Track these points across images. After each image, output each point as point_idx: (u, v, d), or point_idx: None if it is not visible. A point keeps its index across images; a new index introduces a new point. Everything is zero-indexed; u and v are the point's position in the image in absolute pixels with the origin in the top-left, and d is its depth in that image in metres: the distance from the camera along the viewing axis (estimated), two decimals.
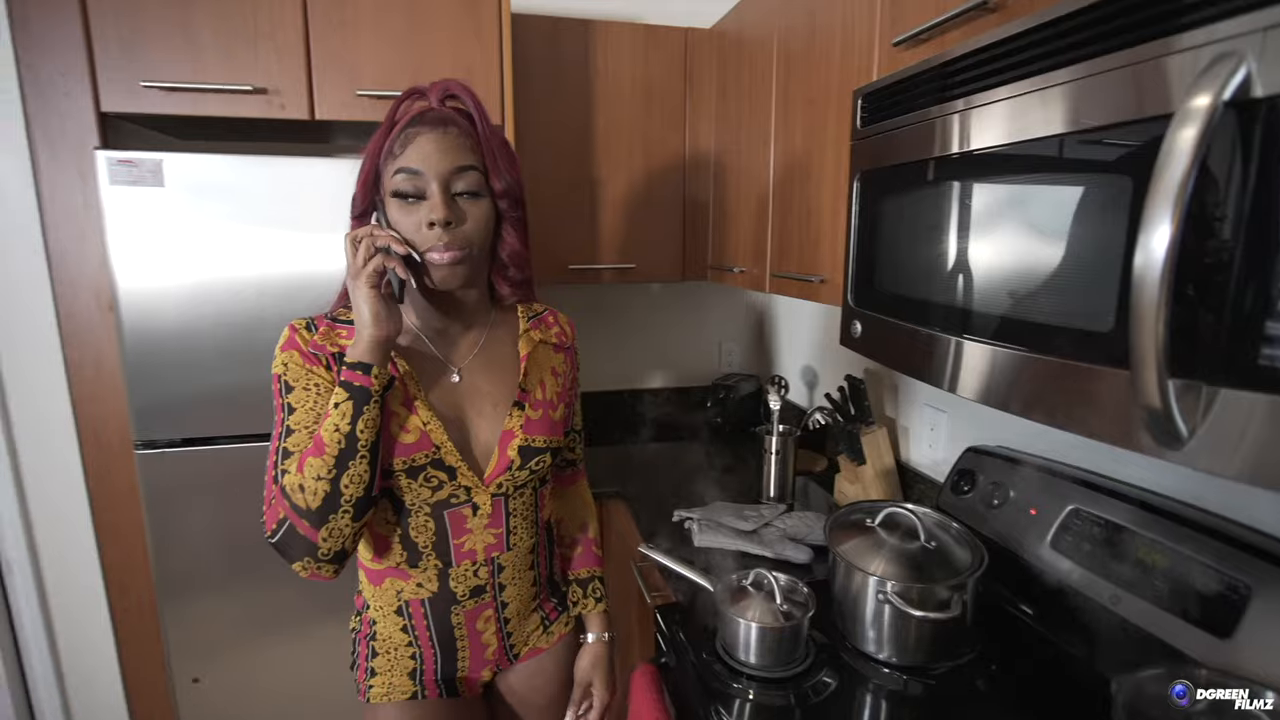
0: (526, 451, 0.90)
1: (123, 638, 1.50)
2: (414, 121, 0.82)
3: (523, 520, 0.93)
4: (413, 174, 0.79)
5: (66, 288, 1.35)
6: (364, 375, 0.77)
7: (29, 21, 1.28)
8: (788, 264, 1.43)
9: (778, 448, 1.59)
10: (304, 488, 0.75)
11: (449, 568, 0.89)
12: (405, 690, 0.93)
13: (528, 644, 1.00)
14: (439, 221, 0.79)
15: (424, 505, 0.86)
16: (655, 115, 1.86)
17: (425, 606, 0.90)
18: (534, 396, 0.93)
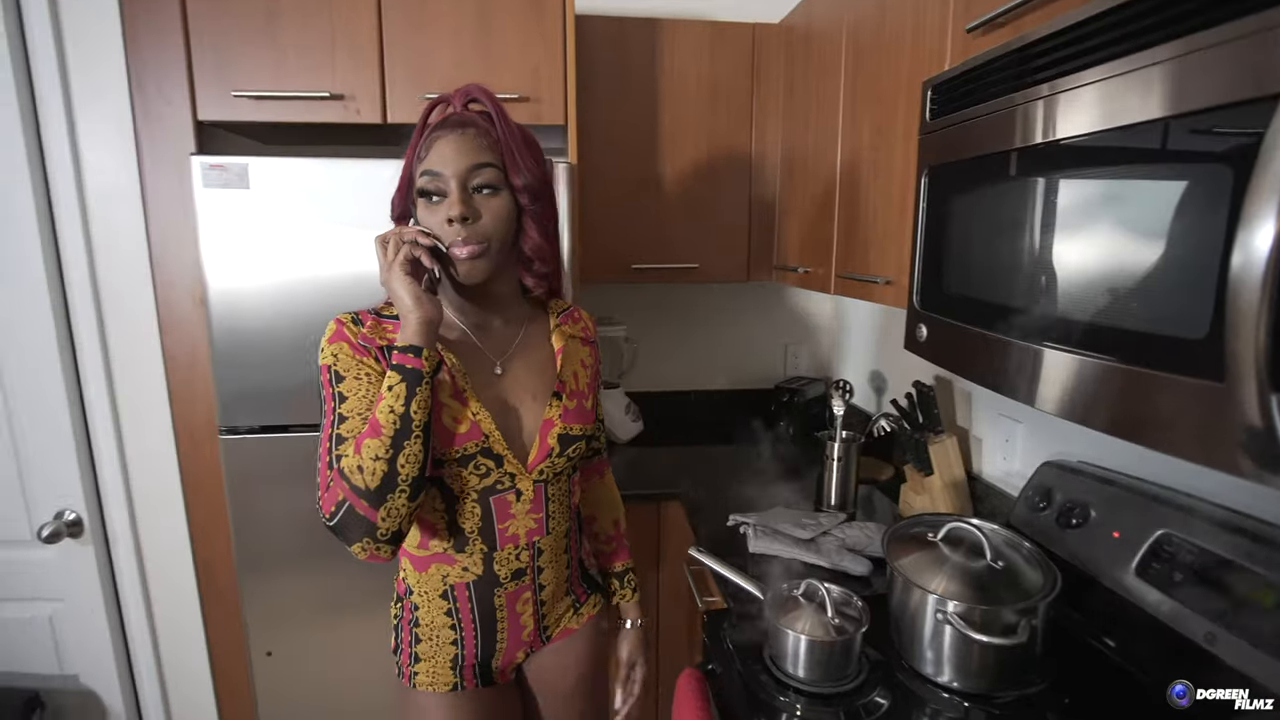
0: (565, 439, 0.94)
1: (208, 610, 1.61)
2: (438, 126, 0.87)
3: (559, 505, 0.98)
4: (434, 175, 0.84)
5: (165, 283, 1.46)
6: (415, 358, 0.80)
7: (140, 42, 1.38)
8: (853, 264, 1.38)
9: (840, 454, 1.53)
10: (362, 468, 0.78)
11: (493, 551, 0.93)
12: (447, 681, 0.96)
13: (560, 625, 1.04)
14: (456, 217, 0.83)
15: (472, 492, 0.90)
16: (721, 113, 1.83)
17: (470, 589, 0.94)
18: (569, 387, 0.98)
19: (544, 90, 1.46)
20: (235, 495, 1.43)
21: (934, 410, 1.45)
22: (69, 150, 1.42)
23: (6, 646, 1.63)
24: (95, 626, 1.61)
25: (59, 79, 1.40)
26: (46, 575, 1.58)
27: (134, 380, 1.52)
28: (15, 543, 1.55)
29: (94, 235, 1.46)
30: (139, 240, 1.45)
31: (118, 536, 1.58)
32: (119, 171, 1.44)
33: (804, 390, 2.12)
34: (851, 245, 1.40)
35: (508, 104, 1.43)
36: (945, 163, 0.93)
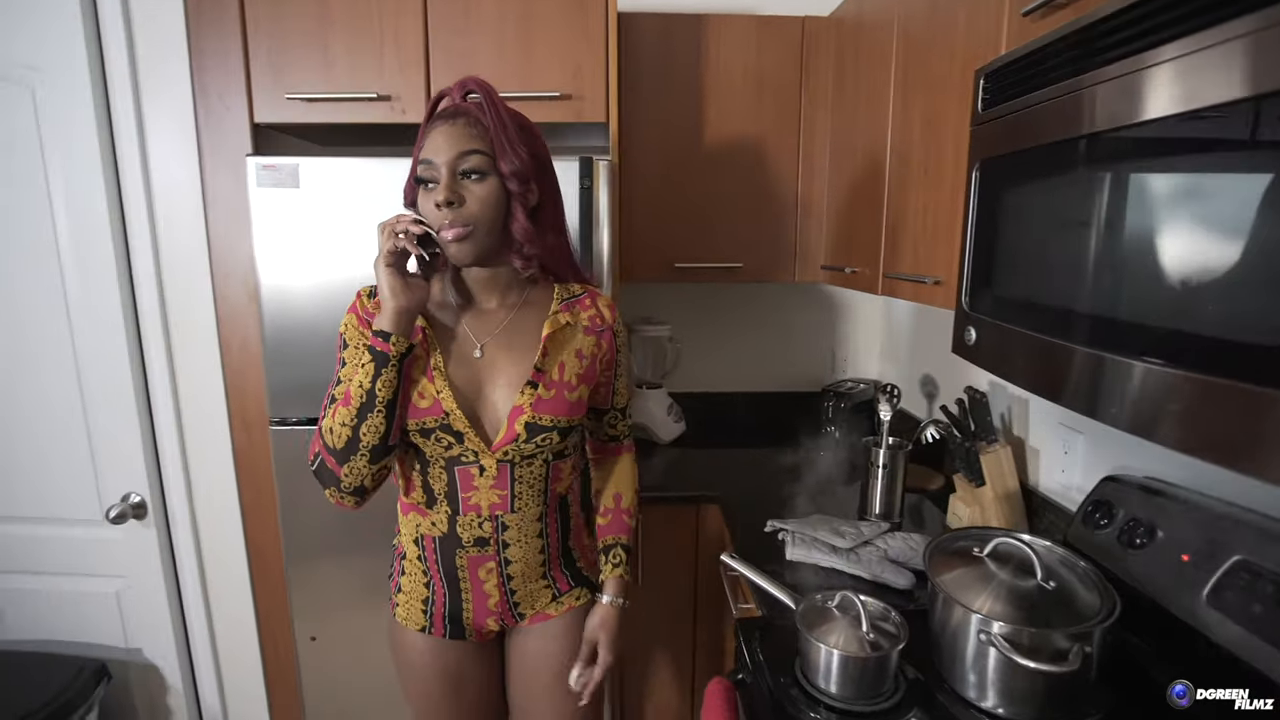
0: (533, 428, 0.97)
1: (258, 594, 1.67)
2: (435, 118, 0.93)
3: (529, 488, 1.00)
4: (428, 164, 0.91)
5: (222, 277, 1.52)
6: (384, 342, 0.89)
7: (203, 51, 1.45)
8: (901, 264, 1.32)
9: (885, 461, 1.47)
10: (333, 431, 0.91)
11: (456, 515, 0.99)
12: (418, 621, 1.05)
13: (535, 607, 1.07)
14: (442, 201, 0.89)
15: (439, 459, 0.98)
16: (768, 109, 1.79)
17: (436, 544, 1.01)
18: (550, 377, 0.99)
19: (586, 88, 1.46)
20: (284, 484, 1.48)
21: (986, 418, 1.38)
22: (138, 152, 1.50)
23: (79, 618, 1.73)
24: (157, 604, 1.69)
25: (130, 87, 1.48)
26: (114, 553, 1.67)
27: (193, 371, 1.59)
28: (87, 522, 1.65)
29: (159, 233, 1.54)
30: (199, 237, 1.52)
31: (177, 519, 1.66)
32: (182, 172, 1.51)
33: (851, 394, 2.06)
34: (899, 244, 1.34)
35: (549, 103, 1.46)
36: (998, 155, 0.87)
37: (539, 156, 0.97)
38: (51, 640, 1.74)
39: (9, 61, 1.46)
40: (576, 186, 1.37)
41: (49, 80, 1.46)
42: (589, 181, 1.37)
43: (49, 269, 1.54)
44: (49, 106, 1.47)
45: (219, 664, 1.76)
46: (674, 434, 2.01)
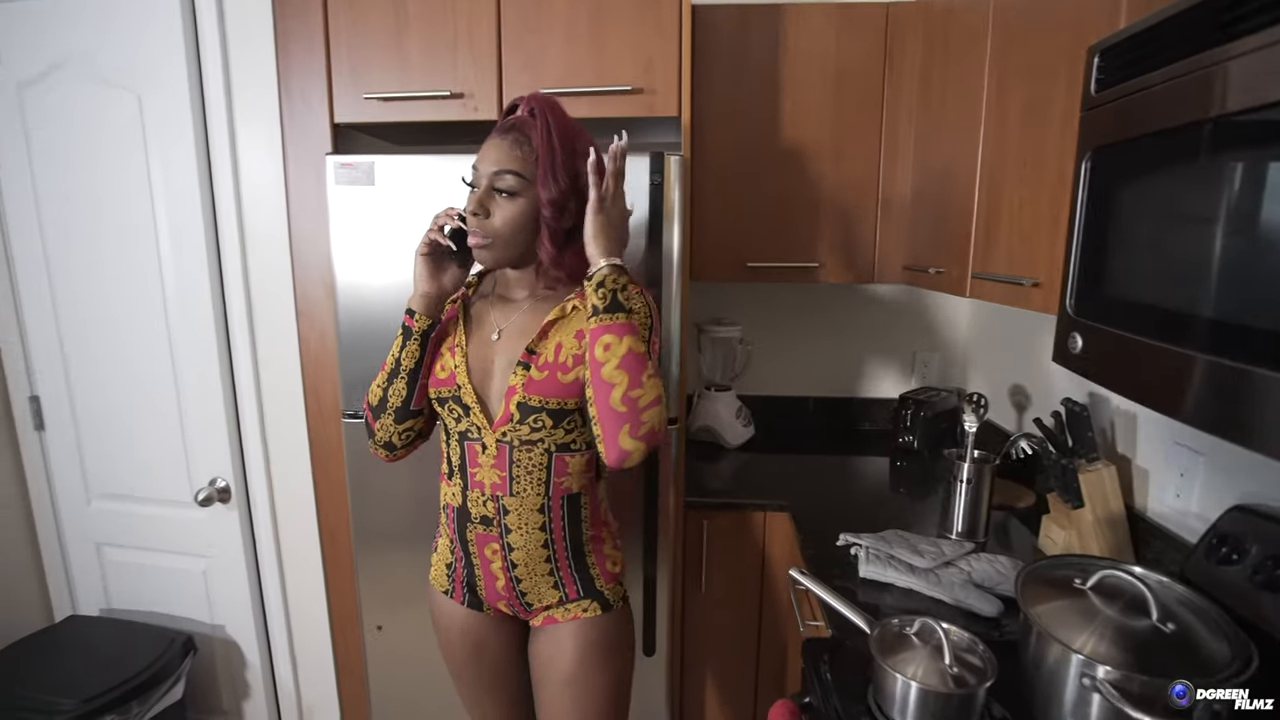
0: (524, 408, 1.00)
1: (330, 581, 1.72)
2: (495, 128, 1.01)
3: (527, 474, 1.02)
4: (475, 170, 1.00)
5: (302, 273, 1.57)
6: (410, 318, 1.05)
7: (290, 54, 1.50)
8: (993, 264, 1.22)
9: (970, 475, 1.37)
10: (372, 391, 1.09)
11: (468, 489, 1.05)
12: (442, 584, 1.14)
13: (542, 603, 1.08)
14: (468, 211, 0.99)
15: (454, 432, 1.05)
16: (848, 101, 1.70)
17: (455, 513, 1.08)
18: (544, 358, 1.00)
19: (658, 82, 1.42)
20: (354, 475, 1.51)
21: (1087, 433, 1.26)
22: (229, 153, 1.57)
23: (170, 592, 1.84)
24: (238, 584, 1.78)
25: (224, 92, 1.55)
26: (202, 534, 1.76)
27: (275, 363, 1.65)
28: (179, 503, 1.74)
29: (246, 231, 1.61)
30: (282, 235, 1.58)
31: (257, 505, 1.73)
32: (267, 171, 1.57)
33: (932, 402, 1.94)
34: (992, 243, 1.24)
35: (620, 97, 1.43)
36: (1114, 142, 0.78)
37: (573, 188, 0.99)
38: (148, 611, 1.85)
39: (119, 70, 1.56)
40: (646, 183, 1.33)
41: (153, 86, 1.55)
42: (659, 178, 1.33)
43: (150, 267, 1.63)
44: (152, 111, 1.56)
45: (293, 646, 1.82)
46: (742, 438, 1.95)
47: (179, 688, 1.68)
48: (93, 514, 1.82)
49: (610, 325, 0.92)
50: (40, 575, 1.88)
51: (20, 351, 1.75)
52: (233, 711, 1.89)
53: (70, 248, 1.67)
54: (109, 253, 1.65)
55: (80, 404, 1.75)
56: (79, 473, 1.80)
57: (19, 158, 1.64)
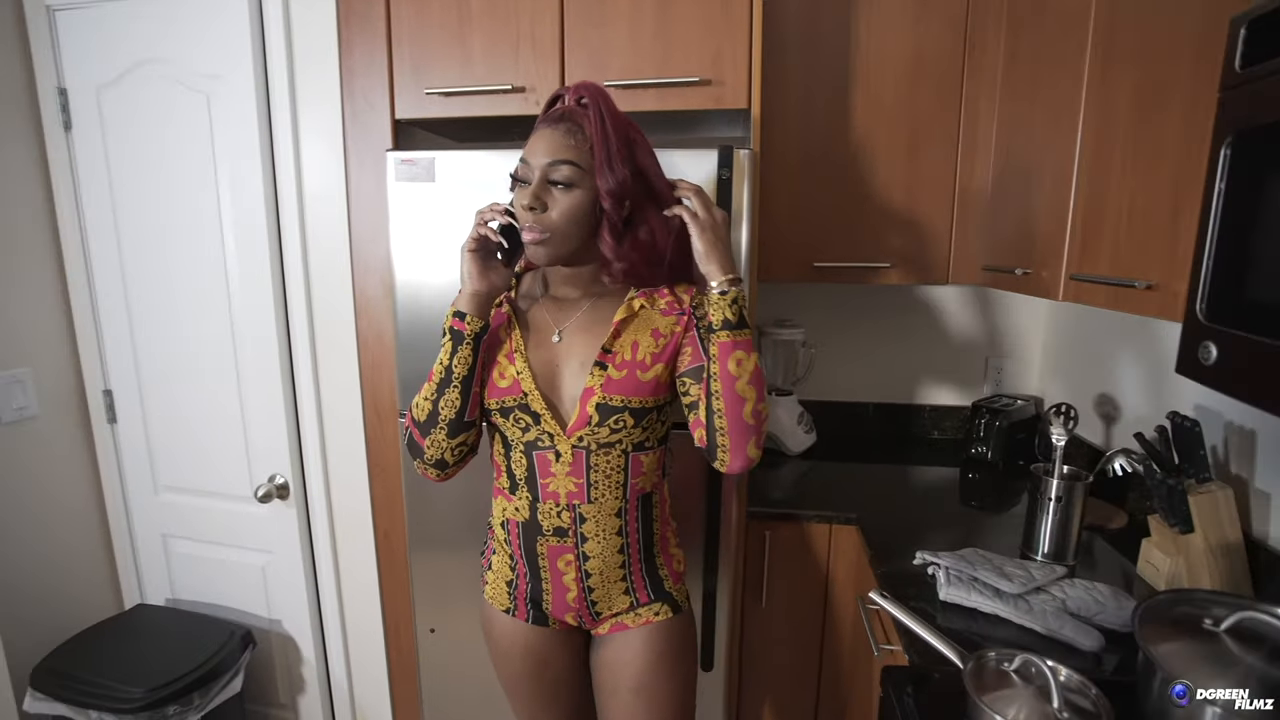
0: (604, 409, 0.95)
1: (383, 581, 1.72)
2: (543, 119, 0.96)
3: (605, 478, 0.99)
4: (524, 163, 0.95)
5: (362, 271, 1.57)
6: (460, 321, 0.96)
7: (353, 53, 1.49)
8: (1095, 264, 1.12)
9: (1060, 493, 1.27)
10: (417, 405, 1.00)
11: (537, 502, 1.00)
12: (503, 602, 1.08)
13: (612, 611, 1.05)
14: (524, 205, 0.92)
15: (519, 443, 1.00)
16: (924, 91, 1.61)
17: (519, 529, 1.03)
18: (620, 357, 0.97)
19: (726, 73, 1.36)
20: (410, 476, 1.50)
21: (1199, 451, 1.14)
22: (292, 152, 1.58)
23: (230, 586, 1.87)
24: (295, 581, 1.79)
25: (288, 93, 1.55)
26: (261, 529, 1.79)
27: (334, 362, 1.66)
28: (240, 498, 1.77)
29: (308, 230, 1.61)
30: (342, 233, 1.57)
31: (315, 503, 1.74)
32: (329, 170, 1.57)
33: (1008, 411, 1.83)
34: (1093, 241, 1.14)
35: (687, 89, 1.38)
36: (1263, 125, 0.69)
37: (644, 171, 0.96)
38: (209, 603, 1.89)
39: (191, 72, 1.58)
40: (714, 178, 1.28)
41: (222, 87, 1.57)
42: (728, 172, 1.27)
43: (215, 264, 1.66)
44: (220, 111, 1.58)
45: (347, 644, 1.83)
46: (804, 445, 1.87)
47: (238, 680, 1.70)
48: (160, 506, 1.87)
49: (740, 340, 0.93)
50: (111, 564, 1.93)
51: (95, 346, 1.80)
52: (289, 706, 1.91)
53: (141, 245, 1.71)
54: (177, 250, 1.68)
55: (149, 398, 1.79)
56: (147, 465, 1.84)
57: (97, 159, 1.69)
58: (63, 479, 1.80)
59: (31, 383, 1.70)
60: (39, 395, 1.72)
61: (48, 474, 1.76)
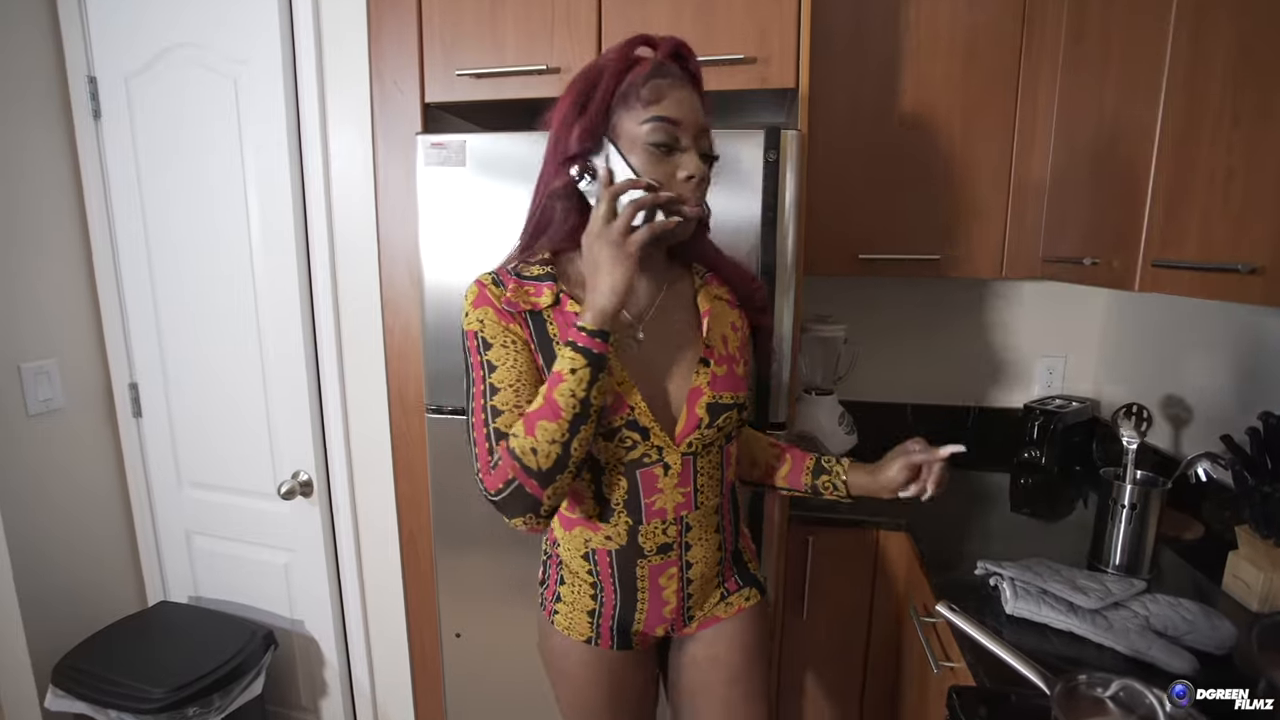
0: (714, 409, 0.88)
1: (408, 583, 1.66)
2: (661, 72, 0.81)
3: (709, 479, 0.92)
4: (673, 124, 0.80)
5: (389, 263, 1.52)
6: (602, 343, 0.76)
7: (382, 35, 1.46)
8: (1181, 248, 1.02)
9: (1135, 499, 1.17)
10: (536, 450, 0.76)
11: (639, 525, 0.89)
12: (582, 631, 0.95)
13: (705, 609, 0.98)
14: (699, 175, 0.80)
15: (618, 464, 0.87)
16: (978, 74, 1.52)
17: (612, 557, 0.91)
18: (718, 352, 0.91)
19: (773, 50, 1.28)
20: (436, 472, 1.44)
21: None
22: (319, 138, 1.53)
23: (253, 584, 1.83)
24: (319, 580, 1.74)
25: (316, 77, 1.51)
26: (284, 527, 1.74)
27: (359, 354, 1.61)
28: (264, 495, 1.73)
29: (335, 219, 1.57)
30: (369, 221, 1.53)
31: (339, 500, 1.69)
32: (356, 157, 1.53)
33: (1064, 414, 1.72)
34: (1178, 224, 1.04)
35: (731, 68, 1.30)
36: None
37: None
38: (232, 601, 1.85)
39: (219, 55, 1.55)
40: (760, 161, 1.20)
41: (249, 71, 1.53)
42: (775, 155, 1.20)
43: (241, 254, 1.63)
44: (247, 96, 1.55)
45: (370, 647, 1.78)
46: (845, 447, 1.78)
47: (259, 682, 1.65)
48: (183, 501, 1.84)
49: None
50: (135, 559, 1.91)
51: (122, 338, 1.77)
52: (310, 709, 1.86)
53: (167, 235, 1.68)
54: (202, 240, 1.65)
55: (174, 391, 1.76)
56: (172, 460, 1.81)
57: (125, 148, 1.67)
58: (88, 473, 1.78)
59: (58, 374, 1.68)
60: (65, 387, 1.70)
61: (73, 467, 1.74)
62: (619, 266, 0.75)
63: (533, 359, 0.84)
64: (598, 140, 0.81)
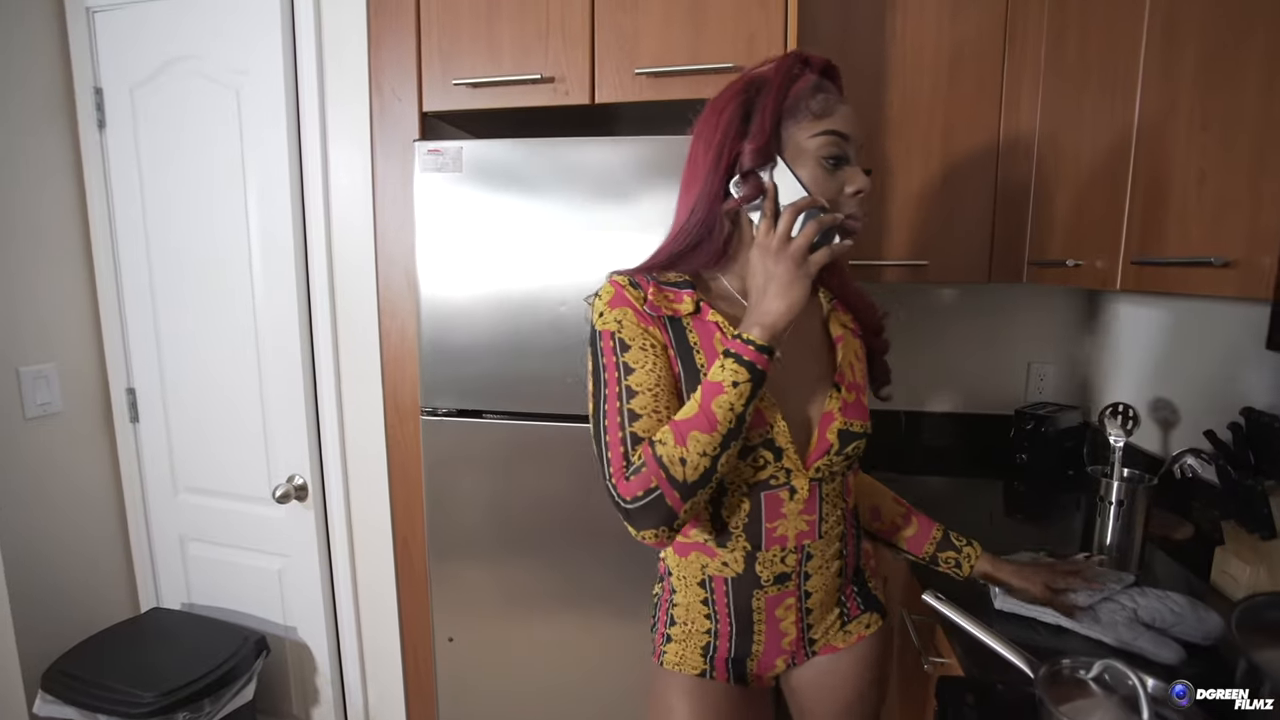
0: (845, 436, 0.86)
1: (401, 588, 1.66)
2: (824, 86, 0.82)
3: (833, 508, 0.89)
4: (843, 138, 0.80)
5: (386, 264, 1.54)
6: (768, 360, 0.74)
7: (381, 48, 1.49)
8: (1160, 246, 1.05)
9: (1122, 496, 1.18)
10: (685, 461, 0.73)
11: (757, 551, 0.86)
12: (696, 666, 0.91)
13: (825, 639, 0.94)
14: (867, 190, 0.81)
15: (742, 485, 0.84)
16: (962, 85, 1.56)
17: (728, 585, 0.88)
18: (848, 379, 0.89)
19: (761, 59, 1.31)
20: (431, 476, 1.45)
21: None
22: (319, 147, 1.57)
23: (246, 590, 1.83)
24: (312, 586, 1.74)
25: (316, 87, 1.55)
26: (279, 532, 1.75)
27: (356, 358, 1.63)
28: (258, 500, 1.73)
29: (333, 226, 1.60)
30: (367, 228, 1.56)
31: (333, 504, 1.70)
32: (355, 165, 1.56)
33: (1054, 418, 1.74)
34: (1156, 222, 1.06)
35: (720, 76, 1.33)
36: None
37: None
38: (225, 608, 1.85)
39: (222, 67, 1.59)
40: None
41: (250, 82, 1.57)
42: None
43: (240, 259, 1.65)
44: (249, 105, 1.58)
45: (363, 653, 1.77)
46: None
47: (250, 688, 1.64)
48: (179, 506, 1.84)
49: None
50: (129, 565, 1.90)
51: (121, 344, 1.79)
52: (301, 716, 1.85)
53: (168, 243, 1.71)
54: (203, 247, 1.68)
55: (171, 396, 1.78)
56: (168, 465, 1.82)
57: (128, 157, 1.70)
58: (83, 477, 1.78)
59: (56, 378, 1.69)
60: (63, 392, 1.71)
61: (69, 472, 1.74)
62: (796, 285, 0.74)
63: (670, 365, 0.82)
64: (770, 155, 0.80)
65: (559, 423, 1.39)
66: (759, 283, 0.77)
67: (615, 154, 1.32)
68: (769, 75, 0.82)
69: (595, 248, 1.35)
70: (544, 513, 1.43)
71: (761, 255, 0.77)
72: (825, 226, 0.76)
